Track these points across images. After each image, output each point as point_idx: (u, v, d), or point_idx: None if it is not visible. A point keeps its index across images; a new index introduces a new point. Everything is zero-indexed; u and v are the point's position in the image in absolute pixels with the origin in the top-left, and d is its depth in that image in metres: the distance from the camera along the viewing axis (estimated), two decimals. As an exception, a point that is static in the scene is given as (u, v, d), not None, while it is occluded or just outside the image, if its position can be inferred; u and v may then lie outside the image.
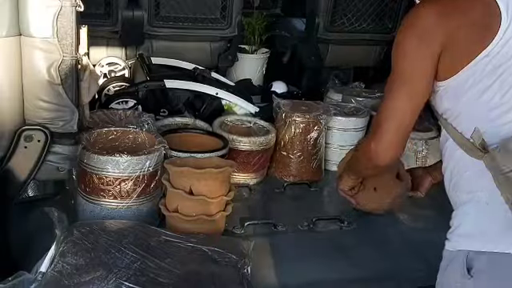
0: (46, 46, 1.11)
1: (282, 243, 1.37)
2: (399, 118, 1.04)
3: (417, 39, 1.00)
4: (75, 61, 1.17)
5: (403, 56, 1.02)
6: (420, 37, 0.99)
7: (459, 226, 1.02)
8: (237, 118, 1.89)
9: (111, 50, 2.30)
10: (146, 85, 1.95)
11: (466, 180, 1.03)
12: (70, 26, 1.14)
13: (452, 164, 1.06)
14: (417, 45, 1.00)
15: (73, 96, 1.18)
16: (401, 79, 1.03)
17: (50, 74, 1.12)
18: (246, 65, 2.60)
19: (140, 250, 1.14)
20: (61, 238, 1.15)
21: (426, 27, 0.99)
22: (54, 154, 1.18)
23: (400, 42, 1.03)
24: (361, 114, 1.93)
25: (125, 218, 1.34)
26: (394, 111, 1.04)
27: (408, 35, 1.02)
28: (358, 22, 2.47)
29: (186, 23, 2.30)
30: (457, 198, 1.06)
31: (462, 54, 0.98)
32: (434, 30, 0.98)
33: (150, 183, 1.37)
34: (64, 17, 1.12)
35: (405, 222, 1.55)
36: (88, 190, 1.36)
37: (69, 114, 1.17)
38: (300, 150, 1.78)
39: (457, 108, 1.02)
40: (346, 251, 1.37)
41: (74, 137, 1.20)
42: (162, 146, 1.40)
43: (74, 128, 1.18)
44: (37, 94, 1.13)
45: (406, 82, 1.02)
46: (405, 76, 1.03)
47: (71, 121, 1.18)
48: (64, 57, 1.14)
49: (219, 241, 1.23)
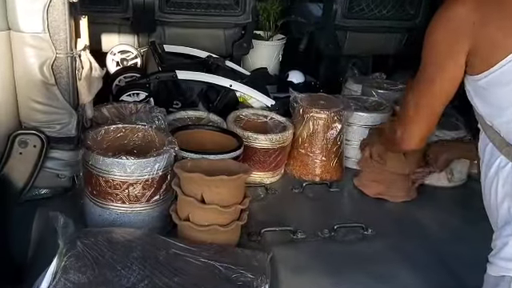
0: (36, 42, 0.95)
1: (301, 254, 1.21)
2: (426, 108, 1.01)
3: (448, 32, 0.92)
4: (71, 58, 1.00)
5: (433, 47, 0.96)
6: (452, 30, 0.91)
7: (503, 249, 0.86)
8: (252, 112, 1.71)
9: (123, 37, 2.12)
10: (157, 76, 1.77)
11: (511, 194, 0.85)
12: (62, 20, 0.97)
13: (492, 174, 0.88)
14: (448, 37, 0.93)
15: (70, 97, 1.02)
16: (430, 70, 0.98)
17: (43, 74, 0.96)
18: (262, 52, 2.40)
19: (148, 265, 0.99)
20: (63, 251, 1.01)
21: (459, 20, 0.90)
22: (52, 160, 1.03)
23: (431, 33, 0.96)
24: (383, 109, 1.73)
25: (135, 223, 1.19)
26: (422, 100, 1.01)
27: (440, 27, 0.94)
28: (378, 8, 2.25)
29: (199, 9, 2.11)
30: (499, 216, 0.88)
31: (498, 47, 0.85)
32: (467, 22, 0.89)
33: (160, 187, 1.21)
34: (55, 9, 0.95)
35: (430, 231, 1.38)
36: (95, 193, 1.20)
37: (66, 117, 1.02)
38: (319, 148, 1.60)
39: (496, 107, 0.87)
40: (371, 264, 1.21)
41: (74, 141, 1.04)
42: (172, 148, 1.24)
43: (73, 132, 1.03)
44: (30, 95, 0.98)
45: (436, 73, 0.97)
46: (435, 67, 0.97)
47: (69, 124, 1.02)
48: (58, 54, 0.98)
49: (233, 255, 1.08)
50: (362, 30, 2.30)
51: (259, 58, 2.37)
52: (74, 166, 1.06)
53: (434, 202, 1.54)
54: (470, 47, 0.88)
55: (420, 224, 1.41)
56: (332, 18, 2.24)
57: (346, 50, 2.34)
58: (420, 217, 1.45)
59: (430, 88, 0.98)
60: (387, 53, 2.42)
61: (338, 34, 2.31)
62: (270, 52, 2.43)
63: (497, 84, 0.85)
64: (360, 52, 2.40)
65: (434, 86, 0.97)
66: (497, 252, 0.87)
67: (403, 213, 1.47)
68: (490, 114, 0.89)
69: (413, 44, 2.34)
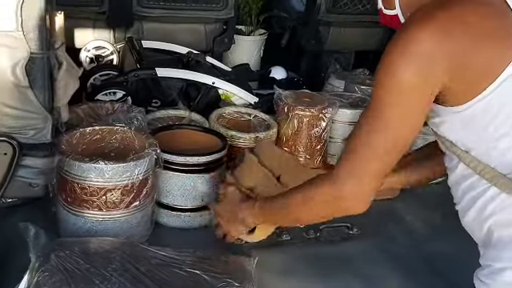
0: (8, 41, 0.87)
1: (287, 257, 1.17)
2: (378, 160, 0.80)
3: (412, 71, 0.74)
4: (47, 57, 0.92)
5: (395, 86, 0.76)
6: (417, 68, 0.74)
7: (504, 272, 0.79)
8: (235, 109, 1.64)
9: (98, 32, 2.01)
10: (135, 73, 1.68)
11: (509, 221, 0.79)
12: (38, 16, 0.88)
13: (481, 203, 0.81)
14: (413, 78, 0.74)
15: (45, 100, 0.93)
16: (388, 114, 0.77)
17: (16, 75, 0.88)
18: (243, 47, 2.33)
19: (128, 277, 0.93)
20: (36, 265, 0.93)
21: (425, 54, 0.73)
22: (24, 168, 0.95)
23: (392, 70, 0.76)
24: (366, 105, 1.69)
25: (112, 231, 1.12)
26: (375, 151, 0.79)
27: (400, 64, 0.75)
28: (362, 2, 2.22)
29: (179, 3, 2.02)
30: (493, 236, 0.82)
31: (479, 74, 0.74)
32: (435, 56, 0.73)
33: (140, 192, 1.14)
34: (30, 5, 0.87)
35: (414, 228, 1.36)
36: (70, 201, 1.12)
37: (41, 122, 0.93)
38: (303, 146, 1.56)
39: (484, 139, 0.78)
40: (356, 265, 1.18)
41: (48, 147, 0.95)
42: (153, 150, 1.17)
43: (48, 137, 0.95)
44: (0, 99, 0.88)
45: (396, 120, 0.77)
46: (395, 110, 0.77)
47: (44, 129, 0.94)
48: (32, 54, 0.88)
49: (218, 262, 1.02)
50: (346, 24, 2.26)
51: (240, 53, 2.30)
52: (48, 174, 0.98)
53: (417, 198, 1.51)
54: (445, 83, 0.74)
55: (404, 221, 1.39)
56: (315, 13, 2.20)
57: (329, 45, 2.30)
58: (404, 214, 1.42)
59: (384, 137, 0.78)
60: (369, 48, 2.38)
61: (321, 29, 2.27)
62: (251, 47, 2.37)
63: (485, 113, 0.75)
64: (342, 47, 2.37)
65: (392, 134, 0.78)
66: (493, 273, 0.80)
67: (387, 210, 1.43)
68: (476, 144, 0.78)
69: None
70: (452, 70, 0.74)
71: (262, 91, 1.94)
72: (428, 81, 0.75)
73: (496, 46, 0.75)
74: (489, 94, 0.74)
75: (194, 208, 1.26)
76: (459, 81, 0.75)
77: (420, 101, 0.77)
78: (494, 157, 0.78)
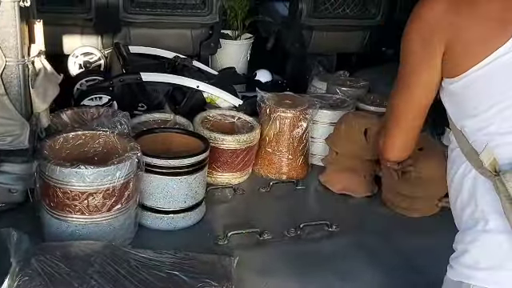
0: (-17, 50, 0.83)
1: (268, 256, 1.16)
2: (404, 118, 0.92)
3: (421, 35, 0.83)
4: (22, 65, 0.90)
5: (407, 52, 0.87)
6: (424, 33, 0.82)
7: (464, 254, 0.81)
8: (219, 112, 1.63)
9: (86, 38, 1.98)
10: (121, 79, 1.66)
11: (475, 200, 0.80)
12: (12, 25, 0.86)
13: (458, 178, 0.83)
14: (421, 41, 0.83)
15: (22, 106, 0.92)
16: (404, 78, 0.89)
17: (-9, 83, 0.85)
18: (230, 51, 2.32)
19: (109, 279, 0.91)
20: (16, 270, 0.91)
21: (431, 22, 0.81)
22: (3, 174, 0.93)
23: (405, 37, 0.86)
24: (346, 105, 1.69)
25: (96, 234, 1.10)
26: (399, 108, 0.92)
27: (413, 30, 0.85)
28: (342, 7, 2.23)
29: (165, 9, 2.01)
30: (462, 219, 0.83)
31: (474, 50, 0.77)
32: (440, 25, 0.80)
33: (122, 195, 1.12)
34: (4, 14, 0.85)
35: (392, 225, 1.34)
36: (52, 205, 1.10)
37: (18, 128, 0.91)
38: (285, 146, 1.54)
39: (466, 113, 0.80)
40: (336, 262, 1.17)
41: (27, 153, 0.93)
42: (134, 154, 1.15)
43: (26, 143, 0.93)
44: (-24, 106, 0.86)
45: (410, 82, 0.87)
46: (408, 75, 0.87)
47: (21, 135, 0.92)
48: (7, 62, 0.87)
49: (198, 262, 1.01)
50: (327, 28, 2.27)
51: (227, 57, 2.29)
52: (27, 180, 0.96)
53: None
54: (445, 49, 0.80)
55: (382, 218, 1.38)
56: (298, 17, 2.20)
57: (312, 48, 2.31)
58: (382, 212, 1.42)
59: (405, 94, 0.88)
60: (350, 51, 2.40)
61: (304, 33, 2.27)
62: (237, 51, 2.36)
63: (469, 90, 0.78)
64: (325, 50, 2.37)
65: (410, 91, 0.87)
66: (457, 256, 0.82)
67: (366, 208, 1.44)
68: (460, 119, 0.82)
69: (374, 42, 2.34)
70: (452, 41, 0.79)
71: (248, 94, 1.93)
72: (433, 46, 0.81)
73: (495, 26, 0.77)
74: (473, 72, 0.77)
75: (177, 210, 1.25)
76: (453, 53, 0.80)
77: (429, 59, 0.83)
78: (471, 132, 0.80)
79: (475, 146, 0.79)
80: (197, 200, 1.28)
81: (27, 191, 1.02)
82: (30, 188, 1.04)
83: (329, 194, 1.48)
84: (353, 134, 1.46)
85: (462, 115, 0.81)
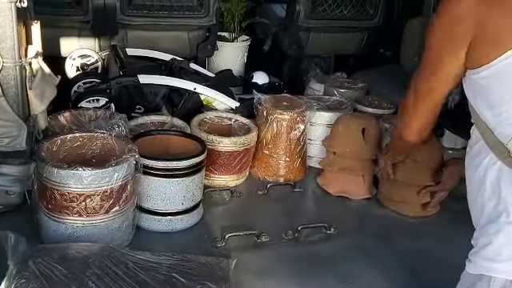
0: (-20, 51, 0.84)
1: (266, 258, 1.17)
2: (425, 98, 0.97)
3: (448, 25, 0.88)
4: (19, 67, 0.91)
5: (433, 41, 0.92)
6: (452, 23, 0.87)
7: (485, 247, 0.81)
8: (216, 114, 1.64)
9: (83, 41, 1.99)
10: (118, 81, 1.67)
11: (499, 192, 0.80)
12: (9, 26, 0.87)
13: (481, 171, 0.83)
14: (447, 34, 0.89)
15: (19, 108, 0.92)
16: (428, 64, 0.94)
17: (-13, 84, 0.85)
18: (227, 53, 2.33)
19: (107, 281, 0.91)
20: (13, 273, 0.91)
21: (459, 16, 0.86)
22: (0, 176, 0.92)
23: (432, 26, 0.92)
24: (344, 107, 1.71)
25: (93, 236, 1.10)
26: (421, 88, 0.97)
27: (440, 20, 0.90)
28: (339, 8, 2.24)
29: (162, 12, 2.02)
30: (484, 213, 0.83)
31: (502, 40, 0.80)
32: (469, 18, 0.84)
33: (120, 197, 1.13)
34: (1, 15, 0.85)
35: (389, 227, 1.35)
36: (50, 207, 1.11)
37: (15, 130, 0.92)
38: (283, 149, 1.55)
39: (491, 103, 0.82)
40: (334, 264, 1.18)
41: (24, 155, 0.94)
42: (132, 156, 1.15)
43: (23, 145, 0.94)
44: (-28, 107, 0.86)
45: (436, 60, 0.92)
46: (435, 53, 0.92)
47: (19, 137, 0.93)
48: (4, 63, 0.88)
49: (196, 264, 1.02)
50: (324, 30, 2.28)
51: (224, 59, 2.30)
52: (24, 182, 0.96)
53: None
54: (471, 40, 0.83)
55: (380, 221, 1.39)
56: (295, 19, 2.21)
57: (309, 50, 2.32)
58: (380, 214, 1.43)
59: (428, 75, 0.94)
60: (348, 52, 2.40)
61: (301, 35, 2.28)
62: (234, 53, 2.37)
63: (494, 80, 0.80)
64: (322, 52, 2.38)
65: (433, 72, 0.92)
66: (478, 250, 0.82)
67: (364, 210, 1.45)
68: (485, 108, 0.83)
69: (372, 44, 2.35)
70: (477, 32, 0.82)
71: (245, 96, 1.93)
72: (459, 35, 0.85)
73: None
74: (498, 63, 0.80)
75: (175, 212, 1.25)
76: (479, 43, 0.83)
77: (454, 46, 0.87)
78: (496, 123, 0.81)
79: (500, 137, 0.80)
80: (194, 202, 1.29)
81: (25, 193, 1.02)
82: (28, 190, 1.04)
83: (327, 196, 1.49)
84: (350, 133, 1.47)
85: (487, 105, 0.83)
